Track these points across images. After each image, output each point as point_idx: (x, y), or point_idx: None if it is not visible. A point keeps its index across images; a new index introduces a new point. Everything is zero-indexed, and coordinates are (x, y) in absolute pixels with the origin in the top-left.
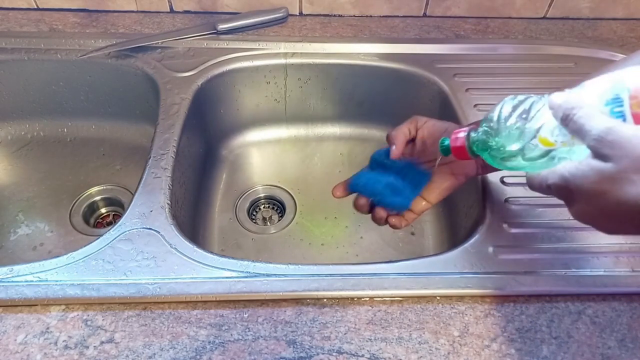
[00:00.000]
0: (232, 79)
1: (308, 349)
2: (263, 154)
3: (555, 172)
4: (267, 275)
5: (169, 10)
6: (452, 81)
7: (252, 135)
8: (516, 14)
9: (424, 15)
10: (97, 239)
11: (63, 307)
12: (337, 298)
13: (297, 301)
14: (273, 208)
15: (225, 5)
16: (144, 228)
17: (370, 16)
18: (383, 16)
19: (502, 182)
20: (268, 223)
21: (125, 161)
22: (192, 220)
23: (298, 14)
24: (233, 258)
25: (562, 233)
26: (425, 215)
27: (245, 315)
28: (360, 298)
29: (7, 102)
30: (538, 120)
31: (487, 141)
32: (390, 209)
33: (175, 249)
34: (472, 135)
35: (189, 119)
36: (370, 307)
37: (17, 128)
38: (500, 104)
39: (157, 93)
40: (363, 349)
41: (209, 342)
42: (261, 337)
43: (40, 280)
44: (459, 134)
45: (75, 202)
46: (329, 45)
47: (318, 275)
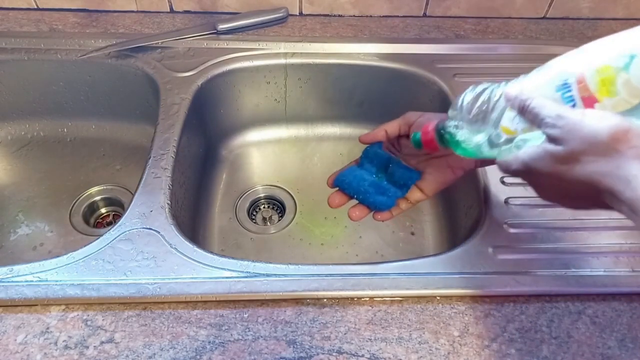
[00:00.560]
0: (232, 79)
1: (308, 349)
2: (263, 154)
3: (517, 158)
4: (267, 275)
5: (169, 10)
6: (452, 81)
7: (252, 135)
8: (516, 14)
9: (424, 15)
10: (97, 239)
11: (63, 307)
12: (337, 298)
13: (297, 301)
14: (273, 208)
15: (225, 5)
16: (144, 228)
17: (370, 16)
18: (383, 16)
19: (502, 182)
20: (268, 223)
21: (125, 161)
22: (192, 220)
23: (298, 14)
24: (233, 258)
25: (562, 233)
26: (425, 215)
27: (245, 315)
28: (360, 298)
29: (7, 102)
30: (497, 109)
31: (454, 134)
32: (372, 208)
33: (175, 249)
34: (440, 128)
35: (189, 119)
36: (370, 307)
37: (17, 128)
38: (461, 96)
39: (157, 93)
40: (363, 349)
41: (209, 342)
42: (261, 337)
43: (40, 280)
44: (429, 127)
45: (75, 202)
46: (329, 45)
47: (318, 275)
